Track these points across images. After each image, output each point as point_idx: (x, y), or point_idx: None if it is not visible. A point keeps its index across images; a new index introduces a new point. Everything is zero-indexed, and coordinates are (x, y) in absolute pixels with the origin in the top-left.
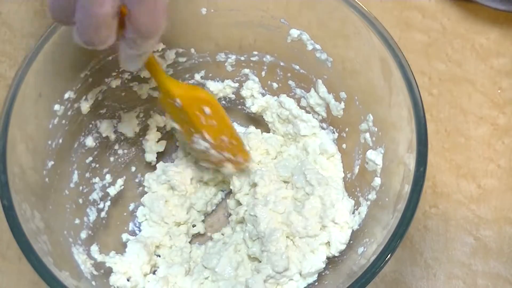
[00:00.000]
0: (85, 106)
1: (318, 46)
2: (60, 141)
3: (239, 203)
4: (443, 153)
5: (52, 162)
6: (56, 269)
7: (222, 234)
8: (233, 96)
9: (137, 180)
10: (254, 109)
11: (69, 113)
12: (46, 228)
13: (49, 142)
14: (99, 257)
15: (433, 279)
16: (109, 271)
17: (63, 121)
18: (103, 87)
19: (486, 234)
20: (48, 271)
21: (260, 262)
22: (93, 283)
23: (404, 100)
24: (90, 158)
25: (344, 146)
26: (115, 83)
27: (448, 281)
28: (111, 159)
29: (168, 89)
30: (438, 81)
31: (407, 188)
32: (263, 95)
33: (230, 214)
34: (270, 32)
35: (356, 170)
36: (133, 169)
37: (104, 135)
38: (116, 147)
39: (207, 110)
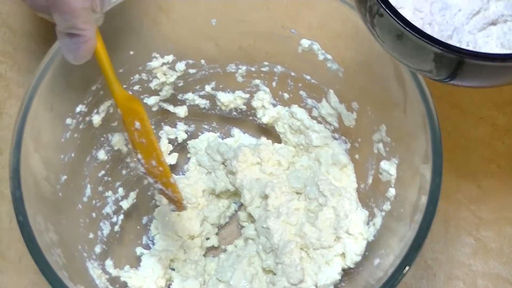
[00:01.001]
0: (96, 119)
1: (329, 56)
2: (73, 155)
3: (250, 216)
4: (443, 153)
5: (65, 177)
6: (71, 283)
7: (235, 246)
8: (244, 107)
9: (149, 193)
10: (265, 120)
11: (81, 126)
12: (60, 241)
13: (62, 156)
14: (114, 272)
15: (433, 280)
16: (124, 286)
17: (75, 135)
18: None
19: (486, 235)
20: (64, 285)
21: (275, 274)
22: None
23: (418, 109)
24: (103, 172)
25: (357, 156)
26: None
27: (448, 282)
28: (123, 172)
29: (114, 96)
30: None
31: (424, 199)
32: (274, 105)
33: (242, 226)
34: (281, 42)
35: (370, 180)
36: (146, 182)
37: (116, 148)
38: (128, 160)
39: (137, 124)
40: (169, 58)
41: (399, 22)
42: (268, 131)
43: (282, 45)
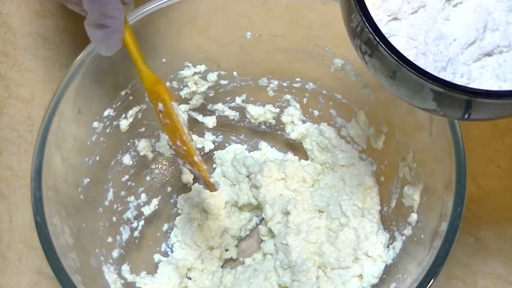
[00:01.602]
0: (124, 124)
1: (361, 78)
2: (97, 158)
3: (271, 231)
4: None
5: (88, 179)
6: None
7: (253, 260)
8: (273, 122)
9: (172, 201)
10: (293, 136)
11: (107, 130)
12: (75, 245)
13: (86, 159)
14: (130, 277)
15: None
16: None
17: (101, 139)
18: (143, 106)
19: (486, 235)
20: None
21: (301, 283)
22: None
23: (444, 132)
24: (127, 177)
25: (382, 178)
26: None
27: (448, 282)
28: (147, 178)
29: (142, 80)
30: None
31: (444, 225)
32: (304, 122)
33: (262, 241)
34: (314, 59)
35: (393, 204)
36: (169, 189)
37: (141, 153)
38: (153, 166)
39: (160, 106)
40: (201, 68)
41: (394, 57)
42: (296, 147)
43: (315, 62)
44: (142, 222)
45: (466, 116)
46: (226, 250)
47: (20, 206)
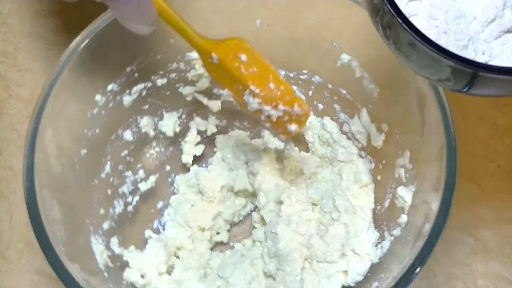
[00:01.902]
0: (127, 100)
1: (366, 75)
2: (97, 131)
3: (263, 219)
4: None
5: (85, 151)
6: (66, 258)
7: (243, 246)
8: None
9: (170, 180)
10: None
11: (110, 105)
12: (63, 215)
13: (85, 131)
14: (118, 250)
15: (433, 280)
16: (125, 265)
17: (103, 112)
18: (148, 84)
19: (486, 235)
20: (58, 260)
21: (275, 280)
22: (106, 274)
23: (438, 134)
24: (126, 152)
25: (379, 177)
26: (161, 81)
27: (448, 282)
28: (147, 155)
29: (199, 46)
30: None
31: (428, 226)
32: None
33: (254, 228)
34: (322, 53)
35: (387, 203)
36: (168, 168)
37: (143, 130)
38: (154, 144)
39: (243, 57)
40: None
41: (411, 32)
42: (298, 138)
43: (322, 56)
44: (137, 198)
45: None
46: (218, 233)
47: (20, 206)
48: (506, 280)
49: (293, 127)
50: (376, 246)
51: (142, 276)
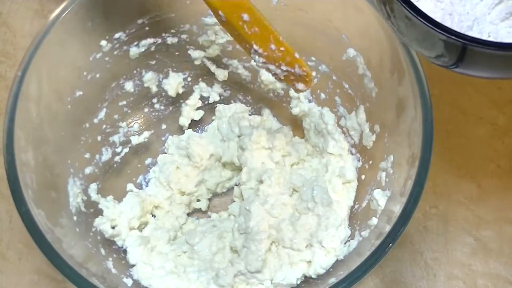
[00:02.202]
0: (134, 52)
1: (368, 73)
2: (98, 75)
3: (242, 195)
4: (443, 153)
5: (81, 93)
6: (33, 204)
7: (219, 217)
8: (281, 92)
9: (163, 139)
10: (295, 111)
11: (115, 52)
12: (39, 158)
13: (85, 73)
14: (95, 197)
15: (433, 280)
16: (98, 213)
17: (107, 58)
18: (158, 40)
19: (486, 235)
20: (24, 203)
21: (239, 256)
22: (75, 218)
23: (416, 142)
24: (124, 102)
25: (363, 177)
26: (171, 40)
27: (448, 282)
28: (146, 110)
29: (208, 1)
30: (438, 81)
31: (388, 228)
32: (309, 101)
33: (233, 202)
34: (330, 43)
35: (364, 204)
36: (164, 127)
37: (146, 85)
38: (155, 100)
39: (245, 16)
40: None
41: (405, 6)
42: (296, 123)
43: (330, 46)
44: (126, 150)
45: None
46: (198, 200)
47: None
48: (506, 280)
49: (300, 86)
50: (345, 243)
51: (113, 227)
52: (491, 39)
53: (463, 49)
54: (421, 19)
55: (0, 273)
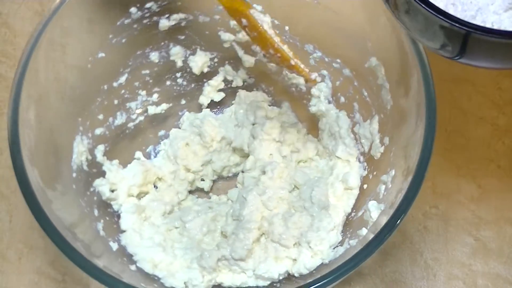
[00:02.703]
0: (164, 24)
1: (386, 85)
2: (123, 41)
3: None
4: (443, 153)
5: (103, 55)
6: (30, 165)
7: (219, 199)
8: (304, 89)
9: (180, 113)
10: (313, 109)
11: (144, 21)
12: (45, 120)
13: (110, 36)
14: (100, 158)
15: (433, 280)
16: (99, 175)
17: (135, 26)
18: (190, 16)
19: (486, 235)
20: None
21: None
22: (74, 174)
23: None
24: (147, 71)
25: (365, 186)
26: (203, 19)
27: (448, 282)
28: (168, 82)
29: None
30: (438, 81)
31: (370, 236)
32: (329, 102)
33: (236, 187)
34: (355, 48)
35: (360, 213)
36: (183, 102)
37: (172, 58)
38: (178, 75)
39: (245, 21)
40: (258, 8)
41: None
42: (313, 122)
43: (355, 51)
44: (142, 118)
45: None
46: (202, 180)
47: (20, 206)
48: (506, 280)
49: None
50: (334, 248)
51: (112, 191)
52: (495, 28)
53: (466, 37)
54: (425, 6)
55: (0, 273)
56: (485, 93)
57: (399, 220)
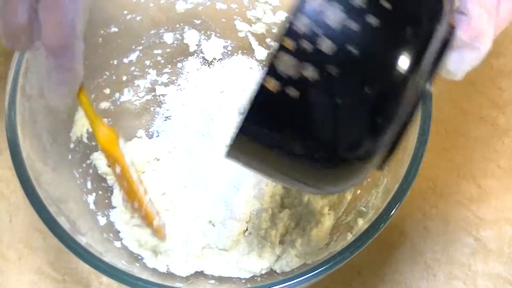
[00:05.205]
0: (181, 6)
1: None
2: (138, 18)
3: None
4: (443, 153)
5: (116, 30)
6: (21, 134)
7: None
8: None
9: None
10: None
11: (162, 2)
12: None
13: (125, 12)
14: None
15: (433, 280)
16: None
17: (151, 5)
18: (207, 2)
19: (486, 235)
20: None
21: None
22: (72, 145)
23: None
24: (159, 51)
25: (358, 192)
26: (220, 6)
27: (448, 282)
28: (179, 65)
29: (96, 137)
30: (438, 81)
31: (351, 238)
32: None
33: None
34: None
35: (349, 218)
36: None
37: (185, 41)
38: (191, 58)
39: (118, 170)
40: (276, 2)
41: None
42: None
43: None
44: (149, 97)
45: None
46: None
47: (20, 206)
48: (506, 280)
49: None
50: (319, 250)
51: (109, 166)
52: None
53: None
54: None
55: (0, 273)
56: (485, 93)
57: (376, 230)
